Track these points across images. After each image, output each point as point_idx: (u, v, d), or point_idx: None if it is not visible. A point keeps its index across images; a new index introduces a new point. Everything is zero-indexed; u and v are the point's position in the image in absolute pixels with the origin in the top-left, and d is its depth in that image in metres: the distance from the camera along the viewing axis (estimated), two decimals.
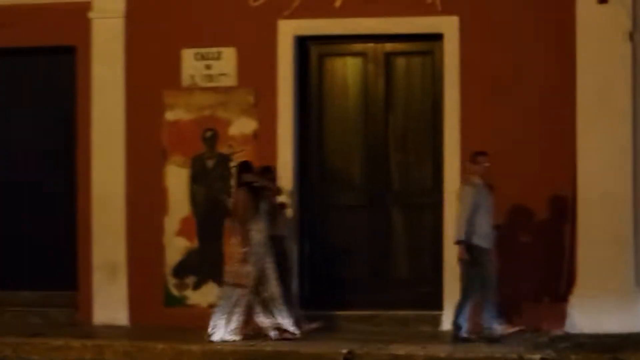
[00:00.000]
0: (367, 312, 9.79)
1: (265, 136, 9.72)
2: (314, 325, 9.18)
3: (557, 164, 9.48)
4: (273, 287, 8.45)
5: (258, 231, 8.29)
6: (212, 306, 9.58)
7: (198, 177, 9.90)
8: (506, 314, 8.97)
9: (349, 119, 10.11)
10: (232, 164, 9.85)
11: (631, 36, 8.93)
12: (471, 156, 8.68)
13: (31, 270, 10.55)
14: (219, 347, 8.80)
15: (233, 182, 9.72)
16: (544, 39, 9.32)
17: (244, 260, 8.17)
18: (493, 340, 8.36)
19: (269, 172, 8.79)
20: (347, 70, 10.24)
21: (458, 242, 8.34)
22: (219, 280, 9.59)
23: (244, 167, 8.85)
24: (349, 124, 10.13)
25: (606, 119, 9.28)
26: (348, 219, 10.20)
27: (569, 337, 8.85)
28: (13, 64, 11.05)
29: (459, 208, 8.56)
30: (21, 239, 10.73)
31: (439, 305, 9.38)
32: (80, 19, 10.16)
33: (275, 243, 8.59)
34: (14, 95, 10.98)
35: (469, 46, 9.34)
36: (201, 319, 9.20)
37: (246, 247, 8.07)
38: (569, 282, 9.22)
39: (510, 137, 9.46)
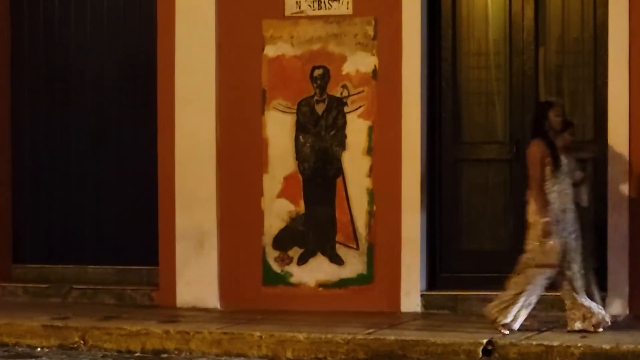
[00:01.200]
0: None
1: (387, 76, 8.44)
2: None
3: None
4: (577, 267, 7.18)
5: (559, 194, 6.93)
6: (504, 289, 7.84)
7: (305, 125, 8.72)
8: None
9: (490, 54, 8.75)
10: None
11: None
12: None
13: (103, 241, 9.59)
14: (330, 336, 7.36)
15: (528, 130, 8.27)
16: None
17: (546, 233, 6.82)
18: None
19: (568, 126, 7.40)
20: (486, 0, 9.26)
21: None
22: (331, 253, 8.66)
23: (546, 107, 7.46)
24: (489, 60, 8.72)
25: None
26: (487, 175, 8.90)
27: None
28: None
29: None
30: (90, 205, 9.76)
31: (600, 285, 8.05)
32: None
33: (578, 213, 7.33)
34: (92, 29, 10.02)
35: None
36: (307, 300, 8.55)
37: (547, 217, 6.69)
38: None
39: None
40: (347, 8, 8.43)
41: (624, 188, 8.12)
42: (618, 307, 8.08)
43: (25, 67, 10.22)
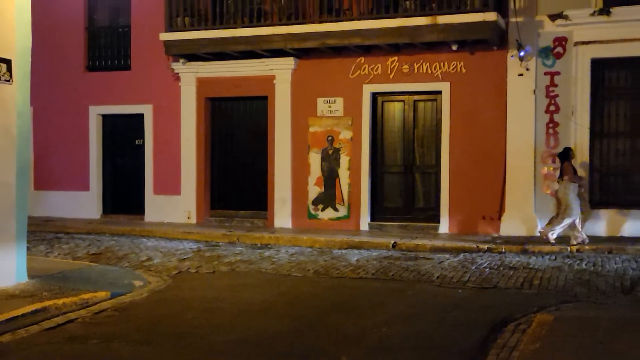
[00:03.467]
0: None
1: (356, 141, 14.79)
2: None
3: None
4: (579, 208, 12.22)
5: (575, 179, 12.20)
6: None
7: (324, 158, 14.94)
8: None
9: (393, 134, 15.03)
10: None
11: (534, 92, 13.43)
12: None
13: (246, 199, 16.00)
14: (332, 237, 13.34)
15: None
16: (491, 93, 13.86)
17: (574, 188, 12.22)
18: None
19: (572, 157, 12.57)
20: (394, 108, 14.99)
21: None
22: (333, 207, 14.78)
23: (569, 150, 12.55)
24: (394, 134, 15.01)
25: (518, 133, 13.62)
26: (394, 177, 15.60)
27: (501, 237, 13.29)
28: (241, 104, 16.17)
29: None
30: (245, 182, 16.03)
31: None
32: (270, 83, 15.37)
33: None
34: (239, 121, 16.16)
35: (454, 97, 14.09)
36: (325, 225, 14.90)
37: (576, 183, 12.28)
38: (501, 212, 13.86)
39: (472, 149, 14.00)
40: (341, 112, 14.85)
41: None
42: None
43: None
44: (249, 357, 5.98)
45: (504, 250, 12.25)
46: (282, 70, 15.34)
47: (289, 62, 15.24)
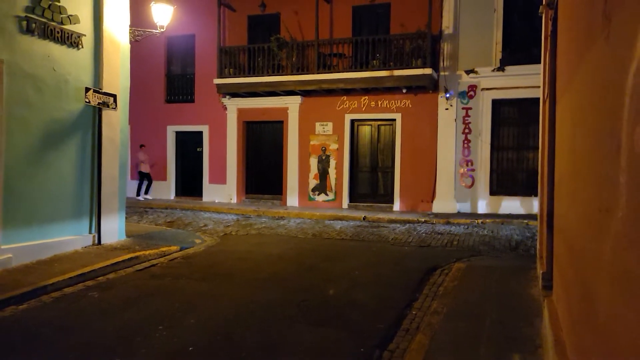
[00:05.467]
0: None
1: (340, 150, 14.89)
2: None
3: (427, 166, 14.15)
4: None
5: None
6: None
7: (319, 161, 15.06)
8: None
9: (364, 146, 14.88)
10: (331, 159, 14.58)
11: (455, 120, 13.56)
12: None
13: (268, 187, 15.89)
14: (323, 213, 13.59)
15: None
16: (427, 121, 13.87)
17: None
18: None
19: None
20: (365, 130, 14.90)
21: None
22: (325, 192, 14.59)
23: None
24: (365, 146, 14.85)
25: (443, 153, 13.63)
26: (365, 175, 16.19)
27: (433, 214, 13.48)
28: (266, 126, 15.83)
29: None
30: (265, 177, 15.85)
31: None
32: (285, 112, 15.40)
33: None
34: (264, 137, 16.00)
35: (404, 123, 14.19)
36: (320, 206, 14.58)
37: None
38: (433, 196, 14.04)
39: (415, 156, 13.95)
40: (331, 131, 14.82)
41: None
42: None
43: None
44: (269, 288, 6.02)
45: (434, 222, 12.15)
46: (292, 104, 15.33)
47: (297, 99, 15.24)
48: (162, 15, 9.33)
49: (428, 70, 13.19)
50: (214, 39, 15.70)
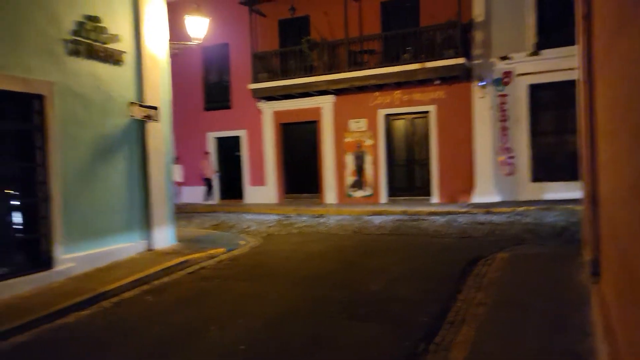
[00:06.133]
0: None
1: (375, 146, 14.71)
2: None
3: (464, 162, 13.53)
4: None
5: None
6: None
7: (355, 158, 14.93)
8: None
9: (399, 140, 14.53)
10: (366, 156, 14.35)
11: (491, 108, 13.15)
12: None
13: (306, 186, 15.80)
14: (364, 209, 13.16)
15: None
16: (463, 111, 13.45)
17: None
18: None
19: None
20: (399, 124, 14.67)
21: None
22: (363, 188, 14.39)
23: None
24: (400, 140, 14.55)
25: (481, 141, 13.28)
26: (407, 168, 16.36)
27: (472, 204, 13.17)
28: (301, 126, 15.73)
29: None
30: (302, 176, 15.78)
31: None
32: (319, 112, 15.38)
33: None
34: (300, 137, 15.99)
35: (439, 115, 13.89)
36: (358, 202, 14.52)
37: None
38: (472, 187, 13.63)
39: (451, 148, 13.63)
40: (365, 127, 14.66)
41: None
42: None
43: None
44: (313, 286, 6.07)
45: (475, 212, 11.79)
46: (326, 103, 15.26)
47: (330, 98, 15.16)
48: (198, 28, 9.54)
49: (460, 60, 12.90)
50: (246, 46, 15.85)
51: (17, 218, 6.33)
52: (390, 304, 5.08)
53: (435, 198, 14.06)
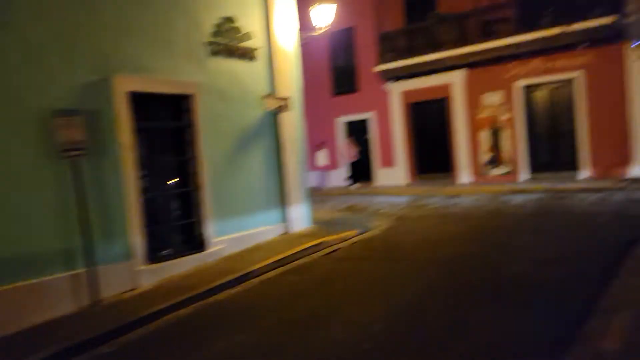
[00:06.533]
0: None
1: (512, 120, 13.79)
2: None
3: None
4: None
5: None
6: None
7: (491, 134, 14.17)
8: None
9: (539, 112, 13.46)
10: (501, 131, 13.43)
11: None
12: None
13: (437, 166, 15.17)
14: (499, 187, 12.48)
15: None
16: (614, 76, 12.26)
17: None
18: None
19: None
20: (538, 95, 13.57)
21: None
22: (500, 166, 13.64)
23: None
24: (540, 111, 13.31)
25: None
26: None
27: (628, 179, 11.92)
28: (429, 105, 15.22)
29: None
30: (433, 156, 15.27)
31: None
32: (448, 89, 14.65)
33: None
34: (429, 116, 15.48)
35: (585, 82, 12.64)
36: (492, 180, 13.73)
37: None
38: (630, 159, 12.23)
39: (600, 116, 12.23)
40: (500, 101, 13.60)
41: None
42: None
43: None
44: (450, 269, 5.89)
45: (632, 188, 10.66)
46: (456, 78, 14.71)
47: (461, 73, 14.60)
48: (326, 15, 9.69)
49: (610, 19, 11.60)
50: (371, 27, 15.82)
51: (176, 205, 7.09)
52: (536, 289, 4.80)
53: (583, 173, 12.92)
